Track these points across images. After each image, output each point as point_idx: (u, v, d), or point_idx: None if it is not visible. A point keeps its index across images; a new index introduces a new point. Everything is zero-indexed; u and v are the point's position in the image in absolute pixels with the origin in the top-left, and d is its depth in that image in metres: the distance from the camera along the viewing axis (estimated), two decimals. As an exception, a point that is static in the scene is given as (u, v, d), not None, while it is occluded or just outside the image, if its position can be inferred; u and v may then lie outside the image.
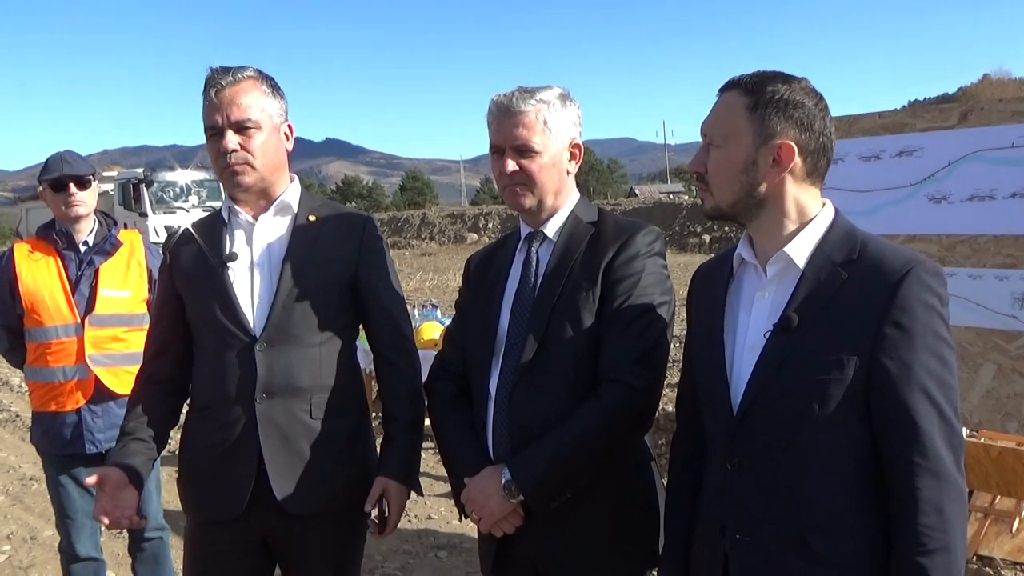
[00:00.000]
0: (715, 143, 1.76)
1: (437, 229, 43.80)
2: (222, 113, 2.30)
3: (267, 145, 2.37)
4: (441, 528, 5.38)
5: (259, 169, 2.36)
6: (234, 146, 2.30)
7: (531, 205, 2.22)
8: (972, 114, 3.41)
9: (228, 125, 2.30)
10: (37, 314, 3.49)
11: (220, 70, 2.34)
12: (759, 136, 1.71)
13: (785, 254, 1.74)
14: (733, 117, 1.73)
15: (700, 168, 1.79)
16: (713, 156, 1.76)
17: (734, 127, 1.73)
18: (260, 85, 2.37)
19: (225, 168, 2.33)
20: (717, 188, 1.77)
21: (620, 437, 2.14)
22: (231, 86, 2.31)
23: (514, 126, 2.16)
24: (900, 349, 1.60)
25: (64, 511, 3.61)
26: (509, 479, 2.08)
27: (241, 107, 2.31)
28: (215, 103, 2.30)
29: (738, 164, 1.73)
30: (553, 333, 2.16)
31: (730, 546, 1.77)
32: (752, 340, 1.76)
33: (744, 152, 1.72)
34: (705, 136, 1.78)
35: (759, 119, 1.71)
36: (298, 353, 2.36)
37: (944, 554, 1.57)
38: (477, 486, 2.14)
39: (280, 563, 2.51)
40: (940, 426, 1.60)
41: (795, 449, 1.69)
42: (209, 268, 2.39)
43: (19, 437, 8.12)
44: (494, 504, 2.10)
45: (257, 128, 2.33)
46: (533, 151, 2.17)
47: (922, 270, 1.62)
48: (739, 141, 1.72)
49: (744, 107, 1.72)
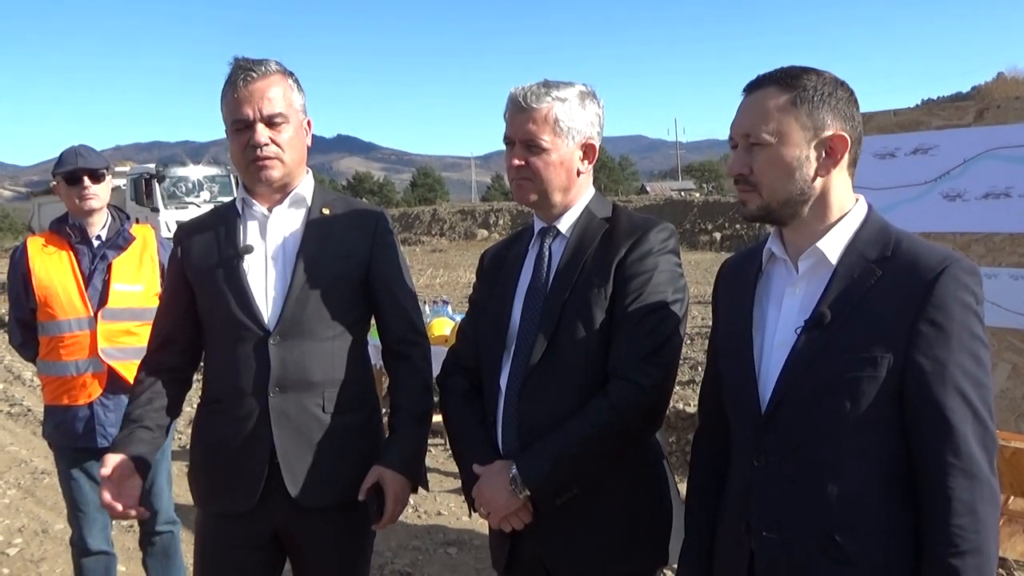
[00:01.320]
0: (761, 142, 1.70)
1: (448, 225, 43.84)
2: (253, 106, 2.29)
3: (295, 139, 2.38)
4: (451, 524, 5.38)
5: (287, 164, 2.37)
6: (265, 140, 2.31)
7: (534, 200, 2.22)
8: (988, 112, 3.38)
9: (260, 119, 2.30)
10: (50, 308, 3.50)
11: (248, 62, 2.33)
12: (809, 130, 1.69)
13: (818, 250, 1.73)
14: (777, 113, 1.69)
15: (745, 170, 1.74)
16: (760, 156, 1.71)
17: (781, 124, 1.69)
18: (287, 79, 2.38)
19: (254, 161, 2.32)
20: (768, 188, 1.72)
21: (628, 435, 2.13)
22: (261, 79, 2.31)
23: (525, 121, 2.16)
24: (935, 347, 1.59)
25: (76, 505, 3.62)
26: (515, 474, 2.08)
27: (272, 101, 2.31)
28: (244, 96, 2.30)
29: (791, 161, 1.70)
30: (564, 330, 2.15)
31: (756, 544, 1.76)
32: (782, 336, 1.75)
33: (796, 148, 1.69)
34: (747, 136, 1.73)
35: (807, 113, 1.68)
36: (311, 347, 2.36)
37: (977, 555, 1.56)
38: (486, 481, 2.14)
39: (291, 557, 2.51)
40: (974, 426, 1.58)
41: (825, 447, 1.67)
42: (223, 260, 2.39)
43: (31, 431, 8.16)
44: (501, 499, 2.10)
45: (286, 122, 2.34)
46: (540, 147, 2.16)
47: (958, 268, 1.61)
48: (789, 137, 1.69)
49: (787, 103, 1.69)
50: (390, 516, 2.35)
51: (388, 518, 2.35)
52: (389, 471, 2.35)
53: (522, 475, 2.07)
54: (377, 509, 2.34)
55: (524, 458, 2.10)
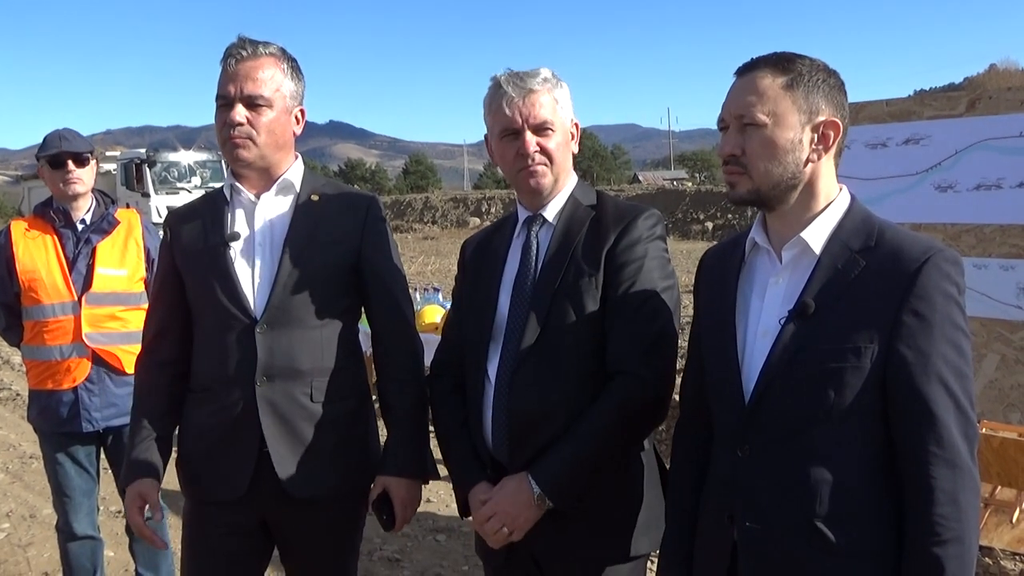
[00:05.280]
0: (756, 122, 1.69)
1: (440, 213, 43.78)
2: (236, 85, 2.27)
3: (274, 124, 2.34)
4: (440, 511, 5.38)
5: (260, 147, 2.32)
6: (241, 119, 2.28)
7: (550, 185, 2.19)
8: (980, 102, 3.38)
9: (239, 98, 2.27)
10: (34, 292, 3.47)
11: (244, 41, 2.32)
12: (804, 113, 1.68)
13: (802, 239, 1.72)
14: (773, 95, 1.68)
15: (737, 151, 1.72)
16: (754, 137, 1.70)
17: (777, 105, 1.68)
18: (281, 64, 2.35)
19: (228, 140, 2.30)
20: (759, 170, 1.71)
21: (637, 429, 2.13)
22: (251, 59, 2.29)
23: (533, 104, 2.13)
24: (918, 337, 1.59)
25: (61, 490, 3.60)
26: (540, 492, 2.05)
27: (256, 82, 2.28)
28: (231, 73, 2.28)
29: (785, 144, 1.69)
30: (555, 318, 2.13)
31: (739, 534, 1.76)
32: (765, 326, 1.74)
33: (790, 131, 1.68)
34: (740, 118, 1.71)
35: (802, 96, 1.68)
36: (299, 335, 2.34)
37: (958, 544, 1.57)
38: (506, 501, 2.09)
39: (279, 545, 2.50)
40: (956, 416, 1.59)
41: (808, 436, 1.67)
42: (210, 247, 2.36)
43: (19, 415, 8.13)
44: (528, 515, 2.08)
45: (268, 106, 2.31)
46: (552, 129, 2.15)
47: (941, 258, 1.61)
48: (784, 119, 1.68)
49: (782, 86, 1.68)
50: (402, 521, 2.37)
51: (400, 523, 2.37)
52: (392, 479, 2.35)
53: (547, 490, 2.05)
54: (388, 517, 2.35)
55: (543, 473, 2.07)
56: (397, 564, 4.65)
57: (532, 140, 2.14)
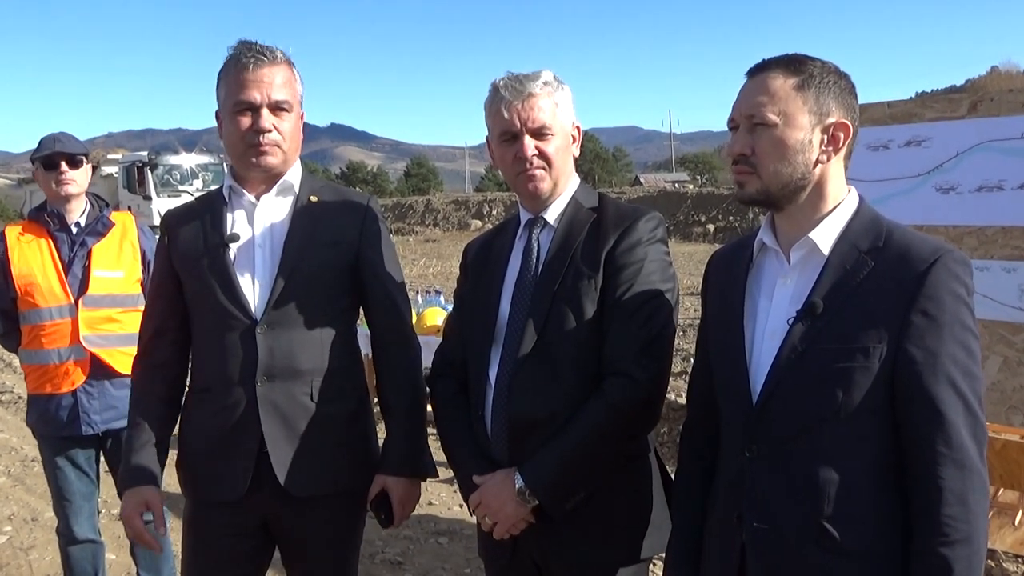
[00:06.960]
0: (766, 122, 1.69)
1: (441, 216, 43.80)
2: (262, 91, 2.27)
3: (295, 130, 2.37)
4: (442, 514, 5.37)
5: (286, 152, 2.36)
6: (269, 126, 2.29)
7: (549, 189, 2.19)
8: (982, 104, 3.37)
9: (267, 104, 2.28)
10: (31, 296, 3.47)
11: (259, 46, 2.32)
12: (815, 114, 1.69)
13: (810, 240, 1.72)
14: (784, 95, 1.69)
15: (747, 150, 1.72)
16: (764, 136, 1.70)
17: (788, 105, 1.68)
18: (291, 69, 2.37)
19: (254, 146, 2.30)
20: (768, 170, 1.71)
21: (629, 431, 2.12)
22: (271, 64, 2.30)
23: (531, 108, 2.12)
24: (927, 338, 1.59)
25: (61, 493, 3.59)
26: (522, 485, 2.06)
27: (280, 88, 2.30)
28: (253, 79, 2.27)
29: (795, 144, 1.69)
30: (554, 321, 2.12)
31: (747, 535, 1.75)
32: (773, 326, 1.74)
33: (801, 131, 1.68)
34: (751, 117, 1.71)
35: (813, 97, 1.68)
36: (299, 336, 2.34)
37: (967, 545, 1.56)
38: (490, 492, 2.11)
39: (280, 546, 2.50)
40: (965, 416, 1.59)
41: (817, 437, 1.67)
42: (209, 248, 2.37)
43: (21, 418, 8.13)
44: (509, 509, 2.09)
45: (290, 111, 2.33)
46: (551, 133, 2.14)
47: (950, 259, 1.61)
48: (795, 119, 1.68)
49: (793, 87, 1.69)
50: (399, 519, 2.38)
51: (398, 521, 2.38)
52: (390, 478, 2.37)
53: (529, 485, 2.05)
54: (386, 516, 2.37)
55: (528, 468, 2.07)
56: (399, 567, 4.65)
57: (530, 144, 2.13)
